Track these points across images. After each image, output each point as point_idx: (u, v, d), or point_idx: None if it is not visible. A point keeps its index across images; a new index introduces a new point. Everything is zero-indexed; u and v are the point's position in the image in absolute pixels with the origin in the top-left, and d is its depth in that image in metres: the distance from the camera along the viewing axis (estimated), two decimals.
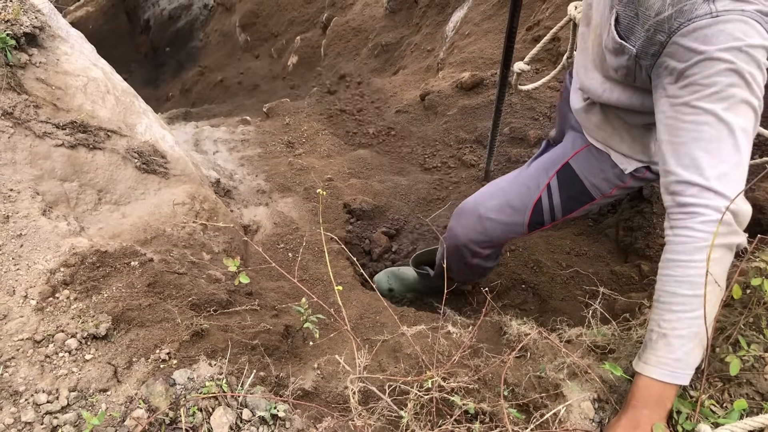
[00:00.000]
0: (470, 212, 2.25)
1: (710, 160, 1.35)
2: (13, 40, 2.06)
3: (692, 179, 1.36)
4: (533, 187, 2.14)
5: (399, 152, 3.88)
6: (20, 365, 1.57)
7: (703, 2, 1.34)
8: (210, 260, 2.31)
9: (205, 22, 11.07)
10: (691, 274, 1.35)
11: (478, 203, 2.23)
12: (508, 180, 2.24)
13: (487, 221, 2.20)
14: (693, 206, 1.35)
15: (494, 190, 2.24)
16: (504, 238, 2.26)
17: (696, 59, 1.36)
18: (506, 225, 2.19)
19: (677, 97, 1.42)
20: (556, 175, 2.11)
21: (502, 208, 2.18)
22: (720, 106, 1.34)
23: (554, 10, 4.10)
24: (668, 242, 1.42)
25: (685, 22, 1.37)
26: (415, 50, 5.37)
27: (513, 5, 2.37)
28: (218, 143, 3.92)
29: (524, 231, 2.20)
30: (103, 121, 2.27)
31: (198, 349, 1.75)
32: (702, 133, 1.36)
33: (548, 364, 1.71)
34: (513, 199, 2.17)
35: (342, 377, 1.79)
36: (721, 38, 1.32)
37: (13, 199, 1.92)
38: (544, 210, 2.14)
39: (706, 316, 1.34)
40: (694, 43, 1.36)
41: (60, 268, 1.82)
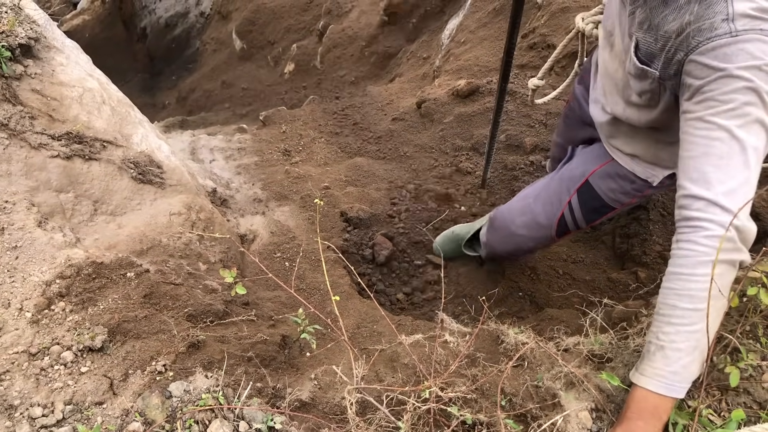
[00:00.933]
0: (503, 229, 2.44)
1: (719, 176, 1.35)
2: (9, 52, 2.05)
3: (699, 193, 1.37)
4: (556, 203, 2.27)
5: (396, 159, 3.88)
6: (15, 378, 1.56)
7: (723, 21, 1.35)
8: (206, 270, 2.30)
9: (202, 30, 11.08)
10: (691, 288, 1.35)
11: (508, 221, 2.41)
12: (535, 195, 2.37)
13: (518, 237, 2.38)
14: (698, 220, 1.36)
15: (523, 206, 2.39)
16: (535, 247, 2.44)
17: (715, 76, 1.37)
18: (535, 239, 2.37)
19: (691, 112, 1.43)
20: (576, 193, 2.22)
21: (530, 224, 2.34)
22: (734, 123, 1.34)
23: (549, 17, 4.11)
24: (672, 255, 1.43)
25: (704, 40, 1.39)
26: (411, 58, 5.39)
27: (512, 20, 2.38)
28: (215, 152, 3.92)
29: (554, 239, 2.36)
30: (98, 132, 2.26)
31: (194, 360, 1.74)
32: (713, 148, 1.37)
33: (545, 374, 1.71)
34: (539, 216, 2.31)
35: (339, 388, 1.78)
36: (741, 57, 1.32)
37: (8, 210, 1.92)
38: (568, 223, 2.28)
39: (708, 330, 1.34)
40: (713, 60, 1.37)
41: (56, 280, 1.81)
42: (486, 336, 2.09)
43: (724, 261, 1.34)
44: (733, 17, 1.34)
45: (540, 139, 3.61)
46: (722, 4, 1.36)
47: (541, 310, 2.66)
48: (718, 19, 1.36)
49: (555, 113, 3.72)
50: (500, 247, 2.46)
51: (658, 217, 2.85)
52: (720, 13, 1.36)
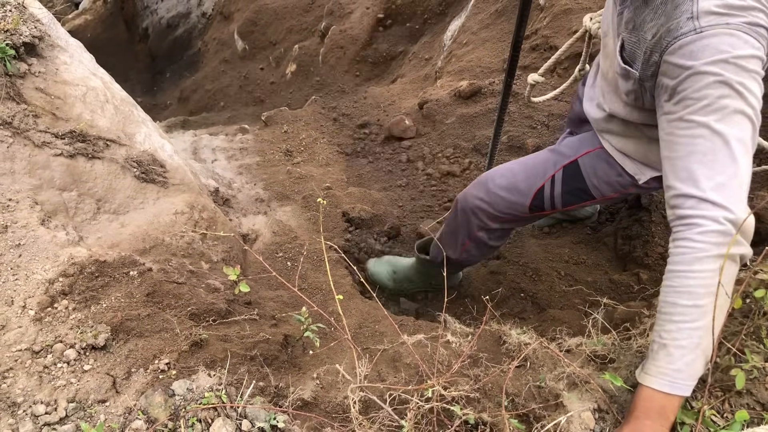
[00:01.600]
0: (482, 184, 2.36)
1: (706, 172, 1.37)
2: (13, 50, 2.06)
3: (689, 192, 1.38)
4: (540, 174, 2.23)
5: (398, 160, 3.88)
6: (18, 376, 1.56)
7: (688, 20, 1.39)
8: (209, 269, 2.30)
9: (204, 31, 11.09)
10: (690, 284, 1.35)
11: (489, 178, 2.34)
12: (521, 162, 2.34)
13: (494, 195, 2.30)
14: (691, 218, 1.37)
15: (508, 168, 2.34)
16: (508, 214, 2.34)
17: (685, 74, 1.40)
18: (510, 203, 2.29)
19: (672, 113, 1.46)
20: (562, 168, 2.19)
21: (508, 187, 2.28)
22: (712, 117, 1.36)
23: (552, 19, 4.11)
24: (670, 254, 1.44)
25: (672, 40, 1.43)
26: (413, 59, 5.39)
27: (520, 16, 2.39)
28: (217, 151, 3.92)
29: (526, 212, 2.29)
30: (102, 131, 2.27)
31: (197, 359, 1.74)
32: (697, 146, 1.39)
33: (548, 374, 1.71)
34: (519, 182, 2.26)
35: (341, 387, 1.78)
36: (707, 52, 1.36)
37: (11, 208, 1.92)
38: (545, 198, 2.23)
39: (714, 326, 1.34)
40: (681, 59, 1.41)
41: (59, 278, 1.81)
42: (488, 336, 2.09)
43: (722, 256, 1.34)
44: (698, 15, 1.38)
45: (542, 140, 3.61)
46: (688, 4, 1.40)
47: (543, 311, 2.66)
48: (684, 18, 1.40)
49: (557, 114, 3.72)
50: (472, 201, 2.36)
51: (660, 218, 2.85)
52: (686, 12, 1.40)
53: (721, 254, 1.34)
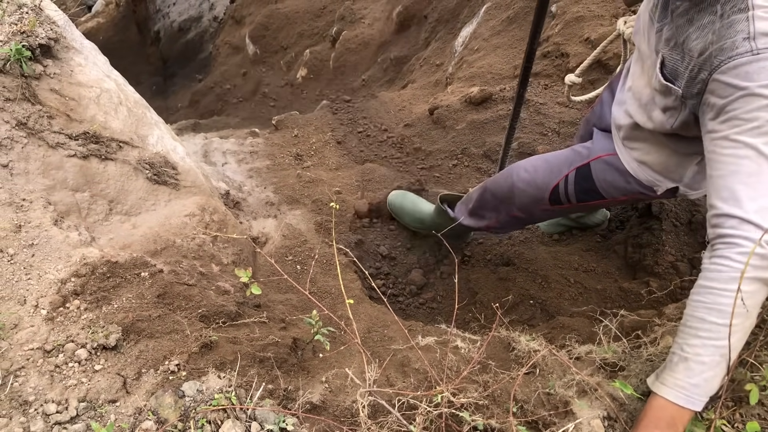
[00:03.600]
0: (508, 176, 2.51)
1: (750, 193, 1.35)
2: (29, 52, 2.08)
3: (731, 212, 1.36)
4: (556, 172, 2.34)
5: (408, 165, 3.88)
6: (30, 375, 1.57)
7: (744, 40, 1.36)
8: (219, 272, 2.31)
9: (215, 35, 11.14)
10: (722, 302, 1.34)
11: (515, 172, 2.49)
12: (545, 159, 2.45)
13: (517, 189, 2.47)
14: (732, 237, 1.35)
15: (531, 164, 2.47)
16: (530, 204, 2.49)
17: (737, 95, 1.37)
18: (530, 196, 2.44)
19: (717, 131, 1.44)
20: (576, 170, 2.28)
21: (529, 182, 2.43)
22: (761, 140, 1.34)
23: (564, 26, 4.11)
24: (704, 269, 1.42)
25: (725, 59, 1.40)
26: (424, 64, 5.40)
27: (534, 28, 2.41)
28: (227, 155, 3.94)
29: (547, 204, 2.42)
30: (115, 132, 2.28)
31: (207, 361, 1.75)
32: (741, 166, 1.37)
33: (557, 381, 1.70)
34: (539, 178, 2.39)
35: (350, 391, 1.78)
36: (763, 75, 1.33)
37: (25, 208, 1.93)
38: (560, 194, 2.35)
39: (733, 347, 1.33)
40: (735, 79, 1.38)
41: (71, 278, 1.82)
42: (497, 343, 2.08)
43: (758, 279, 1.33)
44: (755, 36, 1.35)
45: (552, 147, 3.60)
46: (744, 24, 1.37)
47: (553, 319, 2.66)
48: (740, 38, 1.37)
49: (568, 122, 3.72)
50: (501, 190, 2.53)
51: (670, 227, 2.84)
52: (741, 32, 1.37)
53: (757, 277, 1.32)
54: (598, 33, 3.87)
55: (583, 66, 2.67)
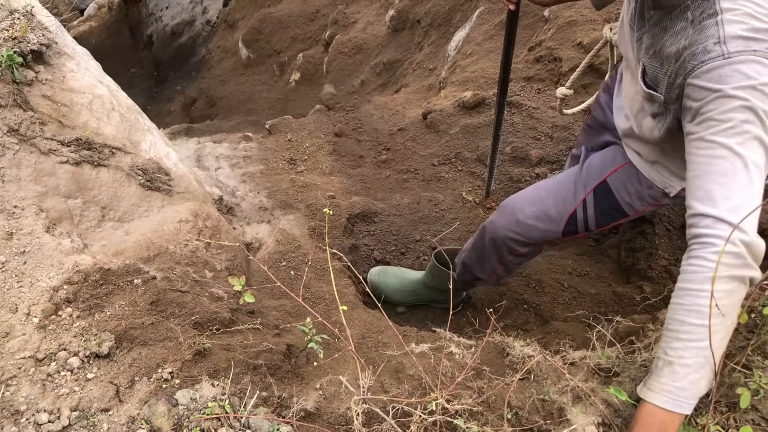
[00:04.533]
0: (510, 214, 2.36)
1: (724, 192, 1.37)
2: (20, 57, 2.06)
3: (706, 211, 1.38)
4: (570, 199, 2.23)
5: (401, 170, 3.88)
6: (22, 384, 1.56)
7: (715, 44, 1.40)
8: (212, 278, 2.30)
9: (208, 38, 11.12)
10: (700, 303, 1.35)
11: (518, 209, 2.34)
12: (549, 188, 2.33)
13: (525, 225, 2.31)
14: (707, 237, 1.37)
15: (535, 196, 2.34)
16: (540, 240, 2.36)
17: (711, 97, 1.40)
18: (542, 231, 2.30)
19: (693, 133, 1.47)
20: (593, 191, 2.19)
21: (539, 216, 2.29)
22: (734, 140, 1.36)
23: (556, 30, 4.13)
24: (681, 271, 1.44)
25: (698, 63, 1.43)
26: (417, 69, 5.40)
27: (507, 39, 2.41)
28: (220, 159, 3.93)
29: (559, 237, 2.31)
30: (107, 138, 2.27)
31: (200, 368, 1.74)
32: (716, 166, 1.39)
33: (552, 387, 1.70)
34: (550, 209, 2.26)
35: (344, 398, 1.78)
36: (735, 77, 1.36)
37: (17, 215, 1.92)
38: (578, 222, 2.24)
39: (715, 346, 1.34)
40: (708, 82, 1.41)
41: (63, 286, 1.81)
42: (491, 348, 2.08)
43: (735, 277, 1.34)
44: (725, 40, 1.39)
45: (546, 151, 3.61)
46: (714, 28, 1.41)
47: (547, 323, 2.66)
48: (711, 42, 1.41)
49: (561, 126, 3.73)
50: (503, 231, 2.37)
51: (663, 231, 2.85)
52: (712, 36, 1.41)
53: (733, 275, 1.34)
54: (591, 37, 3.88)
55: (573, 77, 2.66)
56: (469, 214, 3.40)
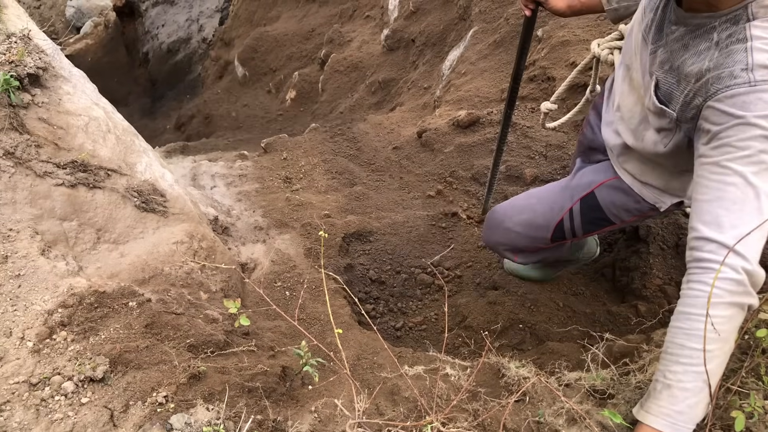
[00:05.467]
0: (499, 223, 2.42)
1: (732, 220, 1.37)
2: (17, 81, 2.08)
3: (712, 236, 1.39)
4: (557, 209, 2.28)
5: (396, 189, 3.90)
6: (15, 409, 1.56)
7: (742, 71, 1.39)
8: (207, 299, 2.30)
9: (204, 56, 11.18)
10: (701, 328, 1.35)
11: (506, 216, 2.39)
12: (538, 197, 2.38)
13: (513, 233, 2.37)
14: (710, 262, 1.37)
15: (524, 205, 2.39)
16: (530, 246, 2.41)
17: (732, 123, 1.39)
18: (530, 238, 2.36)
19: (708, 156, 1.46)
20: (579, 201, 2.23)
21: (527, 224, 2.35)
22: (750, 169, 1.36)
23: (549, 50, 4.16)
24: (682, 295, 1.44)
25: (723, 88, 1.42)
26: (412, 87, 5.44)
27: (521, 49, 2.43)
28: (216, 178, 3.94)
29: (548, 244, 2.35)
30: (103, 161, 2.28)
31: (195, 392, 1.73)
32: (727, 192, 1.39)
33: (547, 409, 1.70)
34: (538, 218, 2.32)
35: (339, 421, 1.77)
36: (759, 105, 1.36)
37: (12, 238, 1.92)
38: (565, 230, 2.29)
39: (714, 371, 1.34)
40: (731, 108, 1.40)
41: (58, 309, 1.81)
42: (487, 369, 2.08)
43: (735, 304, 1.35)
44: (753, 67, 1.37)
45: (540, 170, 3.63)
46: (742, 54, 1.40)
47: (542, 343, 2.66)
48: (738, 68, 1.40)
49: (555, 145, 3.75)
50: (493, 239, 2.44)
51: (658, 250, 2.86)
52: (740, 62, 1.40)
53: (734, 302, 1.35)
54: (584, 57, 3.91)
55: (558, 92, 2.67)
56: (465, 233, 3.41)
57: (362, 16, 7.26)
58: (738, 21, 1.42)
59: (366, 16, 7.16)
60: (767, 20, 1.39)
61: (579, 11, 2.25)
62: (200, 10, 11.97)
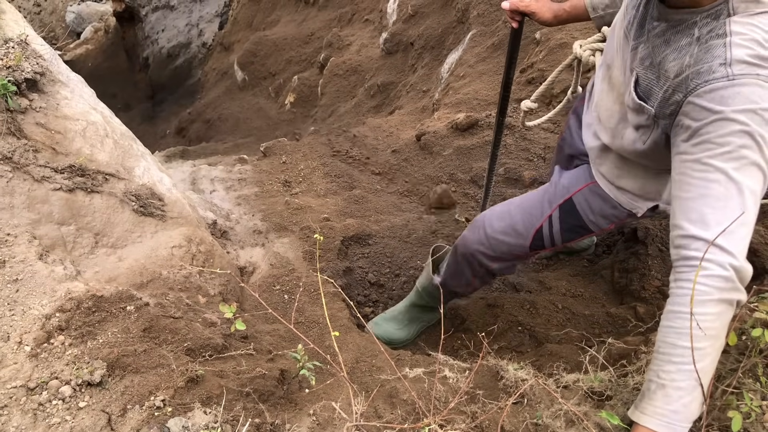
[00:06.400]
0: (479, 228, 2.38)
1: (717, 217, 1.37)
2: (14, 86, 2.08)
3: (698, 234, 1.39)
4: (536, 215, 2.25)
5: (395, 192, 3.90)
6: (13, 414, 1.56)
7: (720, 65, 1.39)
8: (206, 303, 2.30)
9: (204, 61, 11.21)
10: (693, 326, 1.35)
11: (487, 223, 2.36)
12: (517, 204, 2.36)
13: (493, 240, 2.33)
14: (697, 260, 1.37)
15: (503, 211, 2.36)
16: (508, 254, 2.37)
17: (711, 118, 1.40)
18: (510, 245, 2.32)
19: (689, 153, 1.46)
20: (558, 208, 2.21)
21: (506, 230, 2.31)
22: (731, 165, 1.37)
23: (548, 53, 4.17)
24: (671, 294, 1.44)
25: (701, 83, 1.43)
26: (411, 91, 5.45)
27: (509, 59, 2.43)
28: (215, 182, 3.94)
29: (527, 252, 2.32)
30: (101, 165, 2.28)
31: (193, 395, 1.73)
32: (711, 189, 1.40)
33: (545, 411, 1.70)
34: (517, 224, 2.29)
35: (338, 424, 1.77)
36: (738, 100, 1.36)
37: (9, 243, 1.92)
38: (545, 237, 2.26)
39: (706, 369, 1.35)
40: (710, 103, 1.40)
41: (55, 314, 1.81)
42: (485, 371, 2.08)
43: (724, 300, 1.36)
44: (731, 62, 1.38)
45: (538, 172, 3.63)
46: (721, 49, 1.40)
47: (541, 345, 2.66)
48: (716, 63, 1.40)
49: (553, 147, 3.75)
50: (472, 246, 2.39)
51: (656, 252, 2.86)
52: (719, 57, 1.40)
53: (722, 299, 1.35)
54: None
55: (538, 91, 2.65)
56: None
57: (361, 19, 7.27)
58: (719, 16, 1.43)
59: (365, 19, 7.18)
60: (747, 15, 1.39)
61: (565, 20, 2.26)
62: (200, 14, 12.00)
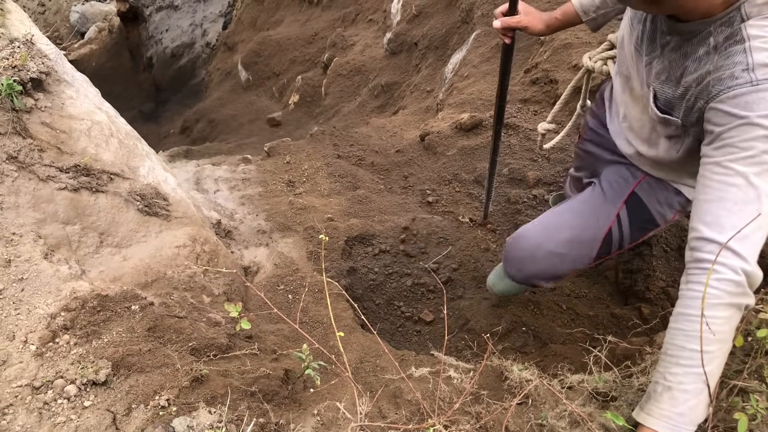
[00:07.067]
0: (535, 248, 2.23)
1: (733, 221, 1.36)
2: (20, 86, 2.08)
3: (712, 237, 1.38)
4: (603, 217, 2.15)
5: (398, 192, 3.90)
6: (18, 412, 1.56)
7: (743, 71, 1.38)
8: (210, 303, 2.30)
9: (208, 61, 11.22)
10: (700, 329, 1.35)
11: (545, 239, 2.21)
12: (572, 212, 2.24)
13: (556, 258, 2.20)
14: (709, 262, 1.37)
15: (559, 222, 2.23)
16: (568, 271, 2.28)
17: (735, 123, 1.39)
18: (574, 259, 2.21)
19: (710, 156, 1.45)
20: (625, 204, 2.13)
21: (570, 242, 2.18)
22: (752, 170, 1.36)
23: (552, 53, 4.16)
24: (681, 296, 1.43)
25: (724, 89, 1.41)
26: (415, 91, 5.44)
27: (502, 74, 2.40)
28: (219, 182, 3.94)
29: (590, 262, 2.22)
30: (106, 165, 2.29)
31: (197, 395, 1.73)
32: (729, 193, 1.39)
33: (550, 412, 1.70)
34: (582, 233, 2.17)
35: (342, 424, 1.77)
36: (762, 105, 1.35)
37: (15, 242, 1.93)
38: (614, 241, 2.17)
39: (711, 372, 1.34)
40: (734, 108, 1.39)
41: (60, 313, 1.81)
42: (490, 372, 2.08)
43: (734, 305, 1.35)
44: (754, 67, 1.37)
45: (543, 173, 3.63)
46: (741, 55, 1.39)
47: (545, 346, 2.65)
48: (739, 69, 1.39)
49: (558, 147, 3.74)
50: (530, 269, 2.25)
51: (661, 253, 2.86)
52: (740, 63, 1.39)
53: (732, 303, 1.35)
54: None
55: (554, 111, 2.62)
56: (467, 236, 3.41)
57: (365, 19, 7.28)
58: (732, 22, 1.42)
59: (369, 19, 7.18)
60: (762, 18, 1.38)
61: (558, 28, 2.23)
62: (204, 14, 12.02)
